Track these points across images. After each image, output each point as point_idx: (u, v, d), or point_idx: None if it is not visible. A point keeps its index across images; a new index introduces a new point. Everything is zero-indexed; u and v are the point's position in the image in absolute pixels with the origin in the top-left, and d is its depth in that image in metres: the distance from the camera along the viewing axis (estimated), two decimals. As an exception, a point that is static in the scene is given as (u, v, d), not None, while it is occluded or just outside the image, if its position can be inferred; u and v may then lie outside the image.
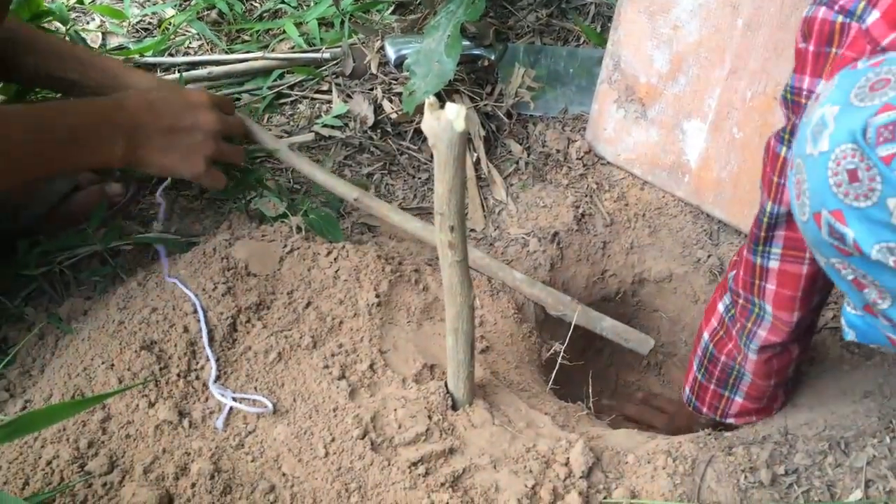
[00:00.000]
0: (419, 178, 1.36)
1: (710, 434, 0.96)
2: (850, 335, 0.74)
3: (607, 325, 1.18)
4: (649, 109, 1.31)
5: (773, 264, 0.89)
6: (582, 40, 1.52)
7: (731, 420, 1.06)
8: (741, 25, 1.17)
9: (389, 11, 1.63)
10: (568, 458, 0.91)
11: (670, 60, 1.27)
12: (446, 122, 0.75)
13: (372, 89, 1.47)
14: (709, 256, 1.26)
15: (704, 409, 1.08)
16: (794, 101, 0.82)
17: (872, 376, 1.00)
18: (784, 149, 0.83)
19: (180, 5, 1.68)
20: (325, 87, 1.52)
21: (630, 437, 0.99)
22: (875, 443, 0.89)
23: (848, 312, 0.73)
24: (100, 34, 1.60)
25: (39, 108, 1.06)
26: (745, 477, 0.89)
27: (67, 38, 1.48)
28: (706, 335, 1.04)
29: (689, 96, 1.26)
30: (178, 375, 0.96)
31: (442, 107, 0.76)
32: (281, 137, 1.40)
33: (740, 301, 0.96)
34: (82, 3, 1.65)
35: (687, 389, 1.10)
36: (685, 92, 1.26)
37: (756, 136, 1.19)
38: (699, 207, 1.28)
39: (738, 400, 1.04)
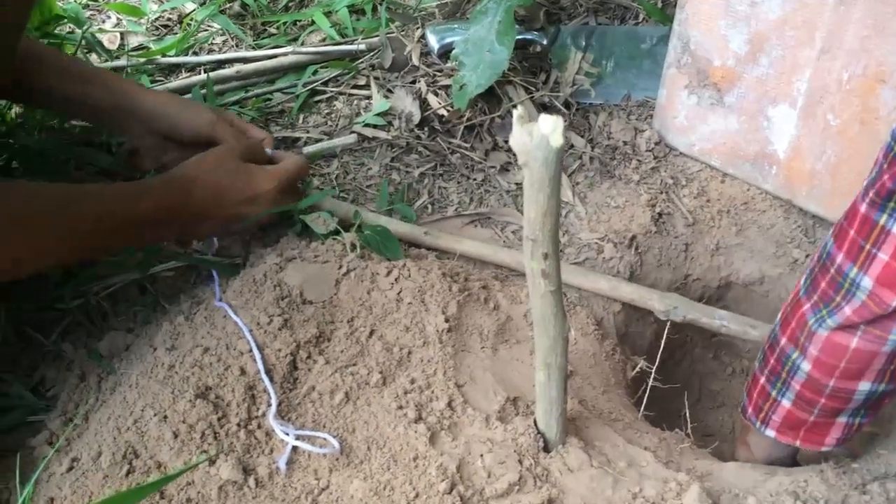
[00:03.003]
0: (474, 180, 1.25)
1: (836, 467, 0.85)
2: None
3: (726, 316, 1.05)
4: (726, 95, 1.19)
5: None
6: (641, 18, 1.40)
7: (770, 432, 0.90)
8: (833, -1, 1.04)
9: (427, -5, 1.51)
10: (682, 505, 0.81)
11: (749, 41, 1.14)
12: (541, 137, 0.65)
13: (414, 82, 1.35)
14: (806, 256, 1.14)
15: (750, 409, 0.93)
16: None
17: None
18: (885, 217, 0.71)
19: (201, -1, 1.56)
20: (362, 82, 1.41)
21: (744, 473, 0.89)
22: None
23: None
24: (118, 34, 1.49)
25: (70, 190, 0.96)
26: (887, 521, 0.79)
27: (83, 41, 1.37)
28: (780, 312, 0.89)
29: (774, 80, 1.13)
30: (239, 425, 0.86)
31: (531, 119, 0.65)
32: (321, 140, 1.30)
33: (832, 269, 0.79)
34: (96, 1, 1.54)
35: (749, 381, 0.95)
36: (768, 75, 1.14)
37: (856, 123, 1.06)
38: (791, 201, 1.16)
39: (785, 405, 0.88)
